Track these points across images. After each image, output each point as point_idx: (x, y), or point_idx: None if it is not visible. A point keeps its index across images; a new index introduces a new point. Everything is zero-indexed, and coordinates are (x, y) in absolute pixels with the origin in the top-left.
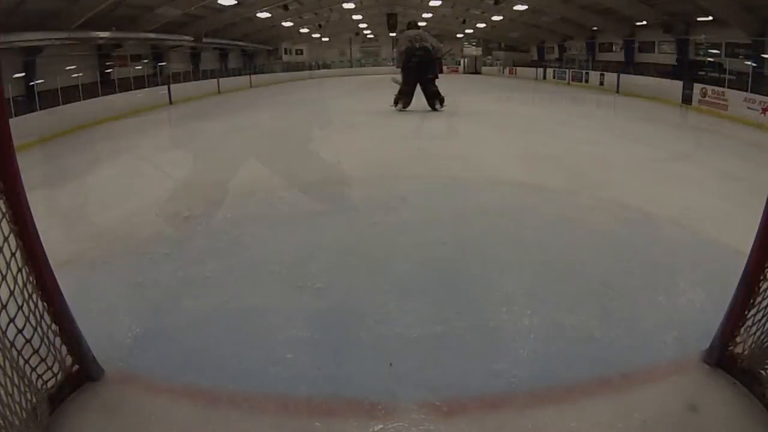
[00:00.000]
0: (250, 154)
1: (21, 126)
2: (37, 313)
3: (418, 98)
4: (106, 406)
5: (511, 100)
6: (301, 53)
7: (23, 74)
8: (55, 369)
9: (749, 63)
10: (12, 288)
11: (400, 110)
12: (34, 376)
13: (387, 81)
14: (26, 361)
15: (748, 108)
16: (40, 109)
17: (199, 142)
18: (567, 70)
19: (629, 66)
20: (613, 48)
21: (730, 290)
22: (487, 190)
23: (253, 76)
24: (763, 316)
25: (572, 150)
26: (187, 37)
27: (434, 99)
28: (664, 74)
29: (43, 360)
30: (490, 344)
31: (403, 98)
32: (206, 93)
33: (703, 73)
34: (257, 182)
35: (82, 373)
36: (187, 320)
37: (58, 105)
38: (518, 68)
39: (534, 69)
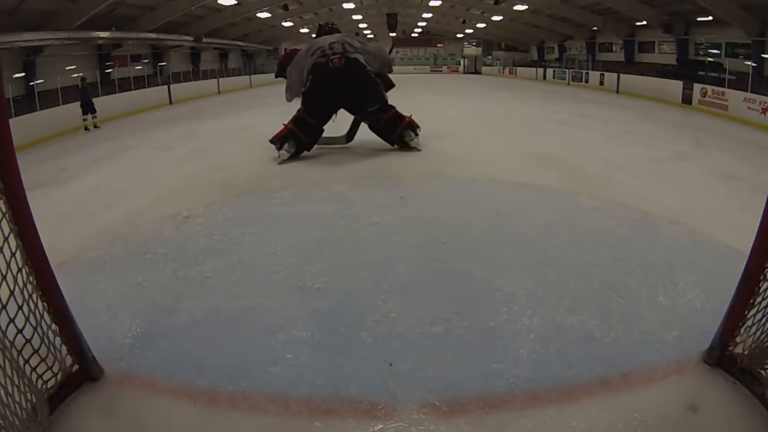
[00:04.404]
0: (249, 155)
1: (21, 126)
2: (37, 313)
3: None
4: (106, 406)
5: (511, 100)
6: None
7: (23, 74)
8: (55, 369)
9: (749, 63)
10: (12, 288)
11: (282, 160)
12: (34, 376)
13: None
14: (26, 361)
15: (748, 108)
16: (40, 109)
17: (198, 142)
18: (567, 70)
19: (629, 66)
20: (613, 48)
21: (730, 290)
22: (486, 189)
23: (253, 76)
24: (763, 316)
25: (572, 150)
26: (187, 37)
27: (399, 130)
28: (664, 74)
29: (43, 360)
30: (490, 344)
31: (296, 138)
32: (206, 93)
33: (703, 73)
34: (257, 182)
35: (82, 373)
36: (187, 320)
37: (58, 105)
38: (518, 68)
39: (534, 69)
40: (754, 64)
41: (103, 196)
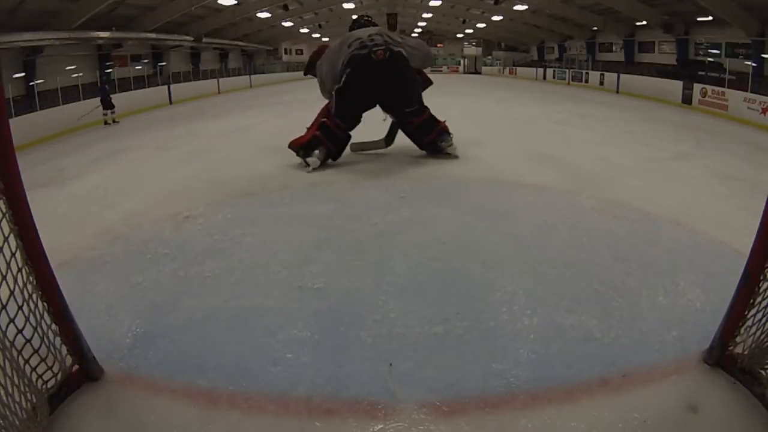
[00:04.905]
0: (249, 155)
1: (21, 126)
2: (37, 313)
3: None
4: (106, 406)
5: (511, 100)
6: (301, 53)
7: (23, 74)
8: (55, 369)
9: (749, 63)
10: (12, 288)
11: (312, 168)
12: (34, 376)
13: None
14: (26, 361)
15: (748, 108)
16: (40, 109)
17: (198, 142)
18: (567, 70)
19: (629, 66)
20: (613, 48)
21: (730, 290)
22: (486, 189)
23: (253, 76)
24: (763, 316)
25: (572, 150)
26: (187, 37)
27: (433, 134)
28: (664, 74)
29: (43, 360)
30: (490, 344)
31: (323, 145)
32: (206, 93)
33: (703, 73)
34: (257, 182)
35: (82, 373)
36: (187, 320)
37: (58, 105)
38: (518, 68)
39: (534, 69)
40: (754, 64)
41: (103, 196)
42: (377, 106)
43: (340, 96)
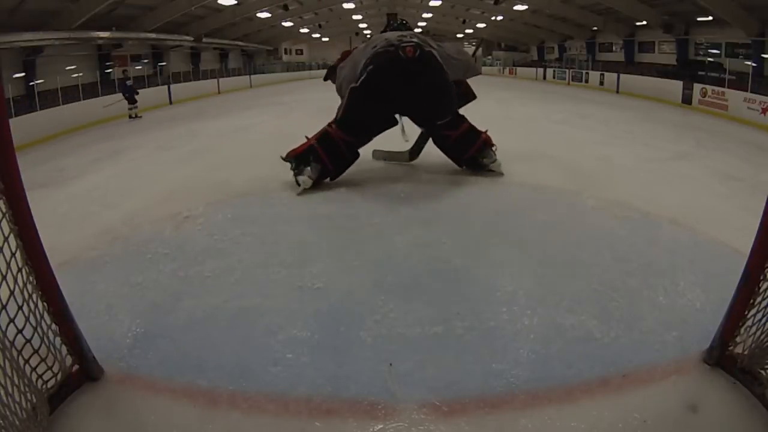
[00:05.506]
0: (249, 155)
1: (21, 126)
2: (37, 313)
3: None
4: (106, 406)
5: (511, 100)
6: (301, 53)
7: (23, 74)
8: (55, 369)
9: (749, 63)
10: (12, 288)
11: (303, 189)
12: (34, 376)
13: None
14: (26, 361)
15: (748, 108)
16: (40, 109)
17: (198, 142)
18: (567, 70)
19: (629, 66)
20: (613, 48)
21: (730, 290)
22: (486, 189)
23: (253, 76)
24: (763, 316)
25: (572, 150)
26: (187, 37)
27: (473, 149)
28: (664, 74)
29: (43, 360)
30: (490, 344)
31: (318, 160)
32: (206, 93)
33: (703, 73)
34: (257, 182)
35: (82, 373)
36: (187, 320)
37: (58, 105)
38: (518, 68)
39: (534, 69)
40: (754, 64)
41: (103, 196)
42: (394, 126)
43: (352, 97)
